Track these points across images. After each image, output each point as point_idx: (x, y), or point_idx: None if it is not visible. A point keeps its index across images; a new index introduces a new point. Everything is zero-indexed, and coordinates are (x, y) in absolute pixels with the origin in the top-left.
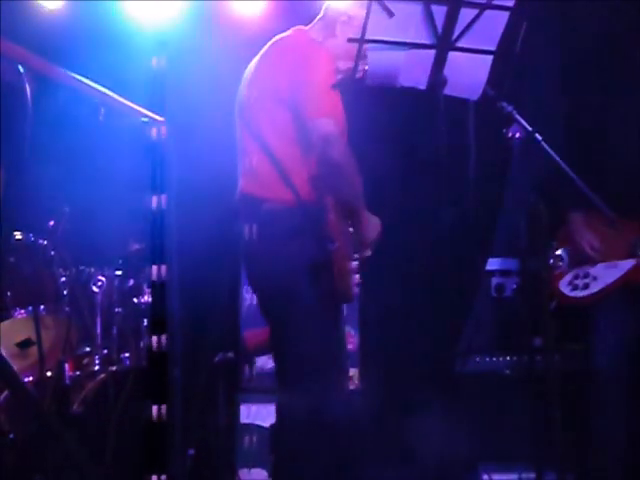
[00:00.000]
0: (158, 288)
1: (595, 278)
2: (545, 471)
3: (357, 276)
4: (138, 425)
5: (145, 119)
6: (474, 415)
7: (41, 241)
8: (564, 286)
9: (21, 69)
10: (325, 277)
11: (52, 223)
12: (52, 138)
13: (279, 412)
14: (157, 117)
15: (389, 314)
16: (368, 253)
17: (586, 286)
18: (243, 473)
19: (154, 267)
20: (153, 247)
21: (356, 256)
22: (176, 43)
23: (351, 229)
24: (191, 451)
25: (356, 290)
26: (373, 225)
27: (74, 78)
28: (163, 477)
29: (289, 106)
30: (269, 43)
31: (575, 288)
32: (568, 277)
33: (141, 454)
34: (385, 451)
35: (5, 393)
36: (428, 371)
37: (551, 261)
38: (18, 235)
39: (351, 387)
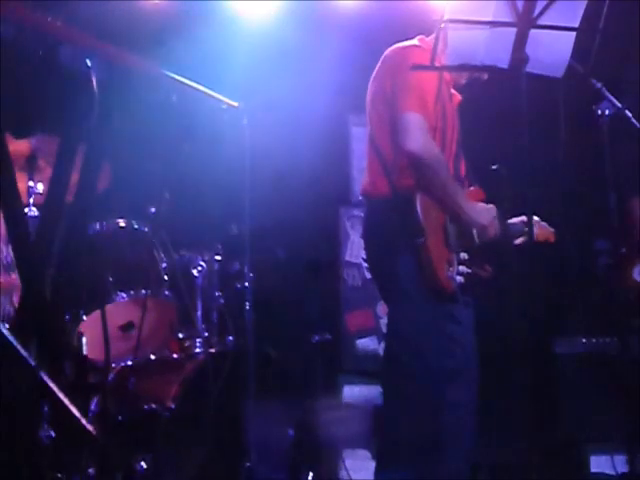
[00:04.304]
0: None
1: None
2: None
3: (461, 268)
4: (236, 406)
5: (224, 106)
6: (574, 396)
7: (143, 228)
8: (637, 275)
9: (89, 62)
10: (413, 268)
11: (153, 210)
12: (152, 128)
13: (385, 395)
14: (233, 103)
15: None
16: (486, 238)
17: None
18: (347, 454)
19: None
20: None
21: (462, 248)
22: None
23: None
24: (290, 432)
25: (457, 281)
26: (480, 214)
27: (153, 66)
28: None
29: (390, 104)
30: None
31: None
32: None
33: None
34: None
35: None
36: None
37: (623, 250)
38: (122, 222)
39: None
